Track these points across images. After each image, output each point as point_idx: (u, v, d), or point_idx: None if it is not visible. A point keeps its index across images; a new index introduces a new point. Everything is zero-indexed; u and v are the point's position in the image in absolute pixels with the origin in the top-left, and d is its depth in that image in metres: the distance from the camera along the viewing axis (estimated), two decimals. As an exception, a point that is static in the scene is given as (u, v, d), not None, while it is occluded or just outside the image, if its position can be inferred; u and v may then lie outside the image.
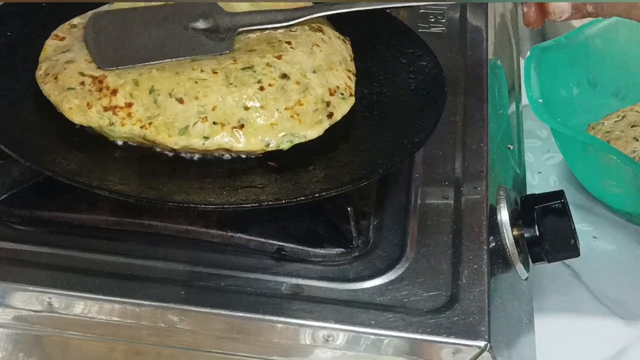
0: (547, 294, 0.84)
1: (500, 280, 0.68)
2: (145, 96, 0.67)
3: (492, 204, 0.70)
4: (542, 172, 0.99)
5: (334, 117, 0.70)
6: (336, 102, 0.70)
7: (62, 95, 0.68)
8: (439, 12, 0.93)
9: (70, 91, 0.68)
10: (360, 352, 0.62)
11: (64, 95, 0.68)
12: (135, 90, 0.67)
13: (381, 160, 0.67)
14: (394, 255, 0.66)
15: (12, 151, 0.64)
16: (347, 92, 0.71)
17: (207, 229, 0.67)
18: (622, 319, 0.83)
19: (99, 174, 0.64)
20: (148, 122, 0.66)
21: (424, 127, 0.70)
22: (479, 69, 0.85)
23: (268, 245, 0.67)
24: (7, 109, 0.69)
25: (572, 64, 0.96)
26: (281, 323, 0.62)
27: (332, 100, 0.70)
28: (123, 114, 0.66)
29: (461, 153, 0.75)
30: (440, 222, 0.69)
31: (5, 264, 0.64)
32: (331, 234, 0.67)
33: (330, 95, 0.70)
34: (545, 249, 0.69)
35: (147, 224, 0.67)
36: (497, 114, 0.83)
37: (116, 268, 0.64)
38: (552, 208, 0.69)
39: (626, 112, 0.98)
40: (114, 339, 0.65)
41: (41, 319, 0.64)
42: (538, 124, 1.00)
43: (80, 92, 0.67)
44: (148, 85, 0.67)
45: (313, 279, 0.64)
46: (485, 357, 0.60)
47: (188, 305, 0.62)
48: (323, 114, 0.69)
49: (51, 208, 0.68)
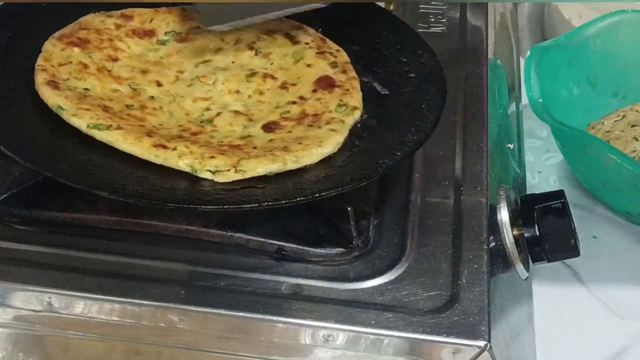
0: (547, 294, 0.84)
1: (500, 280, 0.68)
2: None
3: (492, 204, 0.70)
4: (542, 171, 0.99)
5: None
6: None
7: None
8: (439, 12, 0.93)
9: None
10: (360, 352, 0.62)
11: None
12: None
13: (381, 160, 0.67)
14: (394, 255, 0.66)
15: (12, 152, 0.64)
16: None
17: (207, 229, 0.67)
18: (622, 318, 0.83)
19: (99, 175, 0.64)
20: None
21: (423, 127, 0.70)
22: (479, 69, 0.85)
23: (268, 245, 0.66)
24: (7, 109, 0.69)
25: (572, 64, 0.96)
26: (281, 323, 0.62)
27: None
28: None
29: (461, 153, 0.75)
30: (440, 222, 0.69)
31: (5, 264, 0.64)
32: (331, 234, 0.67)
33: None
34: (545, 249, 0.69)
35: (147, 223, 0.67)
36: (497, 114, 0.83)
37: (116, 268, 0.64)
38: (552, 208, 0.69)
39: (626, 112, 0.98)
40: (114, 339, 0.65)
41: (41, 319, 0.64)
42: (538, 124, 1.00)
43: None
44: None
45: (313, 279, 0.64)
46: (485, 357, 0.60)
47: (188, 305, 0.62)
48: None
49: (51, 208, 0.68)
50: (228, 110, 0.73)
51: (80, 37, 0.76)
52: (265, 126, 0.71)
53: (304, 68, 0.76)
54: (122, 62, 0.77)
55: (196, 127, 0.71)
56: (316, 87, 0.74)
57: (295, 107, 0.73)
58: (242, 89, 0.75)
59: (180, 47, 0.79)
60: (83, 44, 0.76)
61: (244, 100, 0.74)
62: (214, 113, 0.72)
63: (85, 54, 0.75)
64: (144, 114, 0.71)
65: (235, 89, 0.75)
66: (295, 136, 0.69)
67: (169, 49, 0.79)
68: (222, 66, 0.77)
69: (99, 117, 0.68)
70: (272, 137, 0.70)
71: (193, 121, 0.71)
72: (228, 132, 0.70)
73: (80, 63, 0.74)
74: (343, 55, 0.78)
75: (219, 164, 0.65)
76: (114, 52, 0.77)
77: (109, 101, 0.72)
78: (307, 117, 0.71)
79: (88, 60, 0.75)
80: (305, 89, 0.75)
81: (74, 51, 0.75)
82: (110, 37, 0.78)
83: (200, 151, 0.66)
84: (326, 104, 0.72)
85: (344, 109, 0.72)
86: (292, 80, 0.76)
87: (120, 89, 0.74)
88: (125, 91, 0.74)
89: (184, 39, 0.80)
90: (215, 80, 0.75)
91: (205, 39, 0.79)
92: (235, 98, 0.74)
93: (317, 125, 0.70)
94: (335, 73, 0.75)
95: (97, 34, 0.77)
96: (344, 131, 0.70)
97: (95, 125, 0.67)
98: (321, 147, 0.68)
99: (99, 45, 0.76)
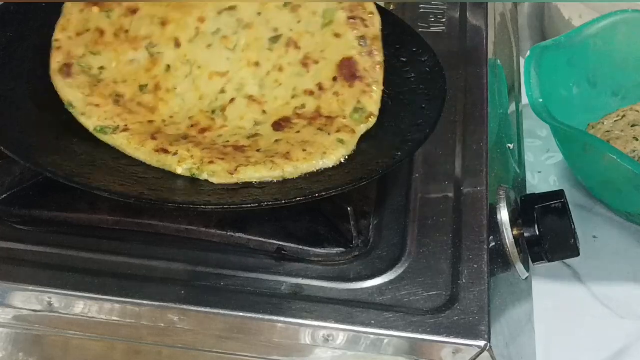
0: (547, 294, 0.84)
1: (500, 280, 0.68)
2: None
3: (492, 204, 0.70)
4: (542, 171, 0.99)
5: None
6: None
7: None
8: (439, 11, 0.93)
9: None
10: (360, 351, 0.62)
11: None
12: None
13: (381, 160, 0.67)
14: (394, 255, 0.66)
15: (12, 152, 0.64)
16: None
17: (207, 229, 0.67)
18: (622, 318, 0.83)
19: (99, 175, 0.64)
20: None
21: (424, 126, 0.70)
22: (479, 69, 0.85)
23: (268, 245, 0.66)
24: (7, 109, 0.69)
25: (572, 63, 0.96)
26: (281, 323, 0.62)
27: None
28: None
29: (461, 153, 0.75)
30: (440, 222, 0.69)
31: (5, 264, 0.64)
32: (331, 234, 0.67)
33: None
34: (545, 249, 0.69)
35: (147, 223, 0.67)
36: (497, 114, 0.83)
37: (116, 268, 0.64)
38: (552, 208, 0.69)
39: (626, 112, 0.98)
40: (114, 339, 0.65)
41: (41, 319, 0.64)
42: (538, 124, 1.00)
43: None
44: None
45: (313, 279, 0.64)
46: (485, 357, 0.60)
47: (188, 305, 0.62)
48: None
49: (51, 208, 0.68)
50: (243, 94, 0.72)
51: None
52: (275, 124, 0.70)
53: (330, 37, 0.74)
54: (142, 12, 0.74)
55: (206, 121, 0.70)
56: (337, 74, 0.72)
57: (312, 101, 0.71)
58: (262, 61, 0.73)
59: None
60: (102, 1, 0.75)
61: (261, 77, 0.72)
62: (227, 97, 0.71)
63: (103, 13, 0.74)
64: (157, 100, 0.71)
65: (255, 60, 0.73)
66: (302, 139, 0.68)
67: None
68: (246, 20, 0.74)
69: (108, 114, 0.68)
70: (279, 136, 0.69)
71: (205, 110, 0.71)
72: (237, 130, 0.70)
73: (97, 30, 0.74)
74: (375, 23, 0.75)
75: (216, 170, 0.65)
76: (134, 4, 0.75)
77: (123, 84, 0.71)
78: (320, 119, 0.70)
79: (106, 22, 0.74)
80: (326, 73, 0.72)
81: (93, 12, 0.74)
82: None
83: (201, 155, 0.66)
84: (342, 105, 0.71)
85: (359, 116, 0.70)
86: (315, 55, 0.73)
87: (136, 56, 0.73)
88: (142, 59, 0.73)
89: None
90: (236, 45, 0.73)
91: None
92: (253, 73, 0.72)
93: (327, 131, 0.69)
94: (361, 54, 0.73)
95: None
96: (351, 144, 0.69)
97: (102, 128, 0.68)
98: (323, 159, 0.67)
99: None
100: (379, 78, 0.73)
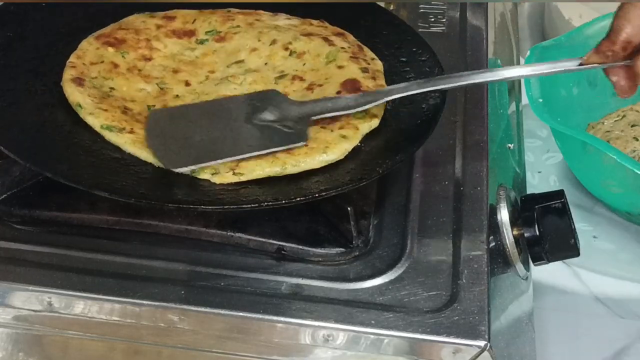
0: (547, 294, 0.84)
1: (500, 280, 0.68)
2: None
3: (492, 204, 0.70)
4: (542, 171, 0.99)
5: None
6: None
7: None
8: (439, 11, 0.93)
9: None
10: (360, 351, 0.62)
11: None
12: None
13: (381, 160, 0.67)
14: (394, 255, 0.66)
15: (12, 152, 0.64)
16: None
17: (207, 229, 0.67)
18: (622, 318, 0.83)
19: (99, 175, 0.64)
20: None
21: (423, 127, 0.70)
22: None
23: (268, 245, 0.66)
24: (6, 109, 0.69)
25: (572, 63, 0.96)
26: (281, 323, 0.62)
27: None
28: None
29: (461, 153, 0.75)
30: (440, 222, 0.69)
31: (5, 264, 0.64)
32: (331, 234, 0.67)
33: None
34: (545, 249, 0.69)
35: (147, 223, 0.67)
36: (497, 114, 0.83)
37: (116, 268, 0.64)
38: (552, 208, 0.69)
39: (626, 112, 0.98)
40: (114, 339, 0.65)
41: (41, 319, 0.64)
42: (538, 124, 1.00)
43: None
44: None
45: (313, 279, 0.64)
46: (485, 356, 0.60)
47: (188, 305, 0.62)
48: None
49: (51, 208, 0.68)
50: None
51: (117, 37, 0.77)
52: None
53: (334, 69, 0.75)
54: (156, 62, 0.77)
55: None
56: (341, 88, 0.73)
57: None
58: (268, 88, 0.74)
59: (217, 47, 0.79)
60: (119, 43, 0.76)
61: None
62: None
63: (119, 53, 0.76)
64: None
65: (261, 89, 0.74)
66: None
67: (206, 48, 0.79)
68: (254, 68, 0.77)
69: (115, 119, 0.68)
70: None
71: None
72: None
73: (111, 63, 0.75)
74: (377, 64, 0.77)
75: (217, 167, 0.65)
76: (149, 52, 0.77)
77: (131, 102, 0.72)
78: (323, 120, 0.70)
79: (120, 60, 0.75)
80: (330, 90, 0.73)
81: (108, 51, 0.76)
82: (149, 37, 0.78)
83: None
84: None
85: (363, 114, 0.70)
86: (319, 82, 0.74)
87: (146, 88, 0.74)
88: (152, 90, 0.74)
89: (222, 39, 0.79)
90: (242, 81, 0.75)
91: (242, 39, 0.79)
92: None
93: (330, 128, 0.69)
94: (365, 78, 0.74)
95: (136, 34, 0.78)
96: (354, 140, 0.69)
97: (108, 126, 0.68)
98: (326, 153, 0.67)
99: (135, 45, 0.77)
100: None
